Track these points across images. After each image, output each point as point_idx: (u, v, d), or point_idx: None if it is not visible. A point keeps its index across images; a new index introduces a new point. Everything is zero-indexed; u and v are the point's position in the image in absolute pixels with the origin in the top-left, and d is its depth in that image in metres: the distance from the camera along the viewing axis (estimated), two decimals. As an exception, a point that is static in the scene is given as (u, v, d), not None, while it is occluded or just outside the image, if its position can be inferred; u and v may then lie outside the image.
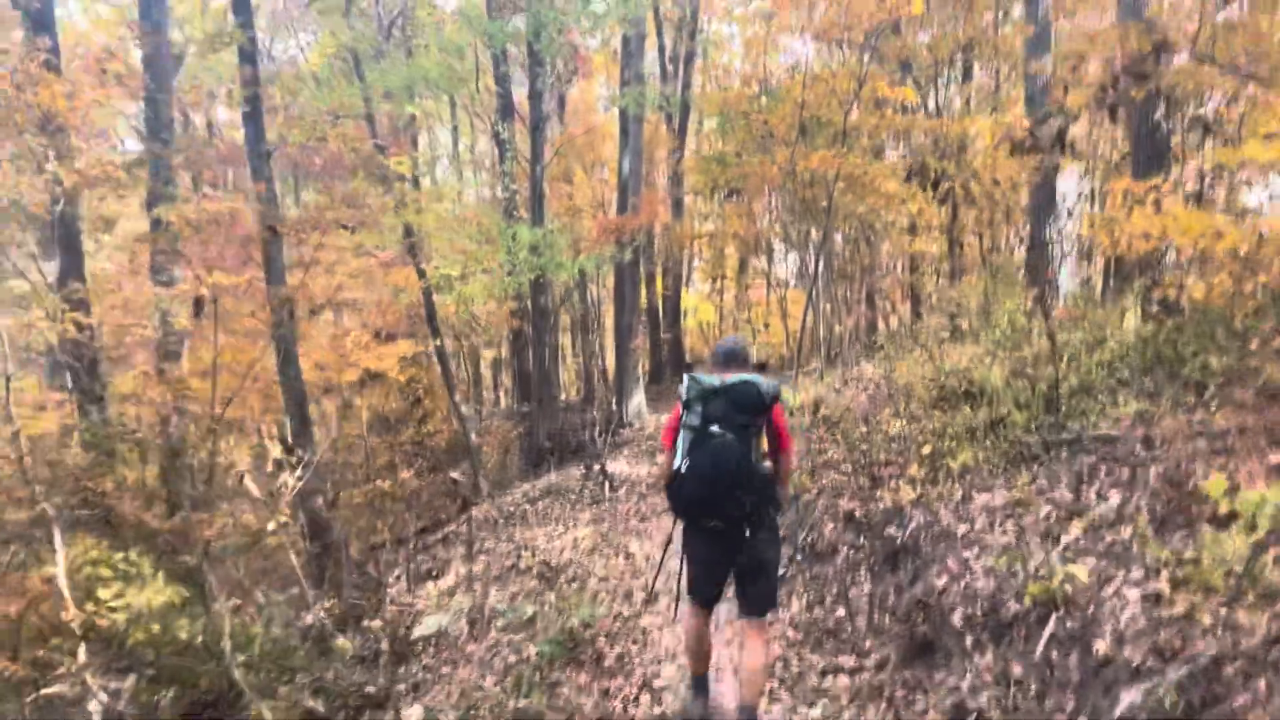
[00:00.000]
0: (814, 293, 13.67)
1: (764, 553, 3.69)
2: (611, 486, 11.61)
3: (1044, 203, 9.72)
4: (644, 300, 23.67)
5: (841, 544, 6.11)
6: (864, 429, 7.47)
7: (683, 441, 3.64)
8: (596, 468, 12.19)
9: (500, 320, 18.85)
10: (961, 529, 5.00)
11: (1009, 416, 6.01)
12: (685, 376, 3.71)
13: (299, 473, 8.06)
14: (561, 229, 14.96)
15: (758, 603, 3.76)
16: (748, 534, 3.58)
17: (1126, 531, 4.18)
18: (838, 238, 16.18)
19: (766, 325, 24.80)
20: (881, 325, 20.63)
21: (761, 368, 20.94)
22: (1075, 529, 4.40)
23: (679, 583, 3.92)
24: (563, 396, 23.57)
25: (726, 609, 4.98)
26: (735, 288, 27.58)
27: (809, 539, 6.49)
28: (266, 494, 7.98)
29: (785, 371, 15.37)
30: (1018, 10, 11.82)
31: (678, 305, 23.42)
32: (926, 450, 5.92)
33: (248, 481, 7.44)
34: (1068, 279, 9.92)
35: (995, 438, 5.92)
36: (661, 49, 21.93)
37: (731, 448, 3.49)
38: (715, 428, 3.52)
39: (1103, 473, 5.01)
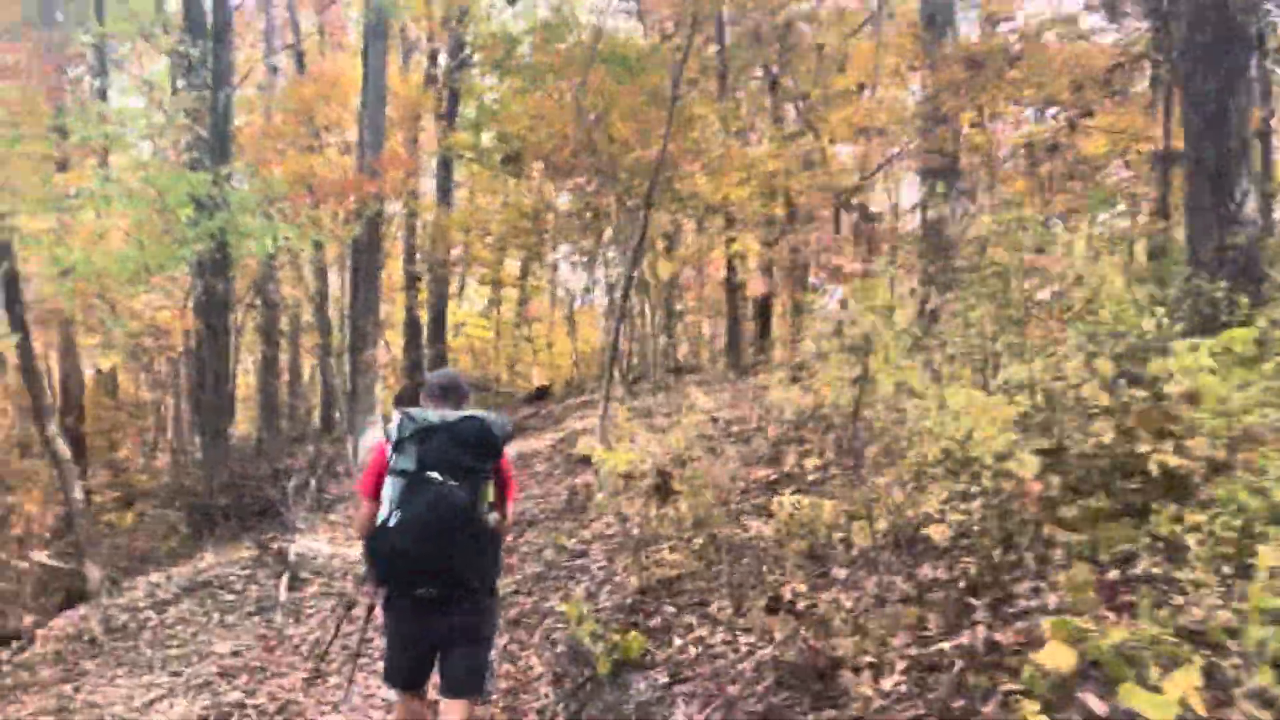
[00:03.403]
0: (620, 299, 9.93)
1: (478, 623, 3.06)
2: (295, 581, 7.12)
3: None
4: (403, 312, 19.12)
5: None
6: (742, 527, 3.61)
7: (391, 490, 2.92)
8: (276, 547, 7.64)
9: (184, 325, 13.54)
10: None
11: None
12: (396, 412, 3.01)
13: None
14: (267, 182, 10.13)
15: (463, 684, 3.04)
16: (465, 604, 2.97)
17: None
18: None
19: (550, 345, 20.96)
20: (682, 352, 17.36)
21: (543, 393, 16.99)
22: None
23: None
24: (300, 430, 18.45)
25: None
26: (515, 303, 23.46)
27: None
28: None
29: (574, 399, 11.44)
30: None
31: (443, 317, 18.99)
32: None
33: None
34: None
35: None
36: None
37: (455, 497, 2.85)
38: (434, 474, 2.86)
39: None
